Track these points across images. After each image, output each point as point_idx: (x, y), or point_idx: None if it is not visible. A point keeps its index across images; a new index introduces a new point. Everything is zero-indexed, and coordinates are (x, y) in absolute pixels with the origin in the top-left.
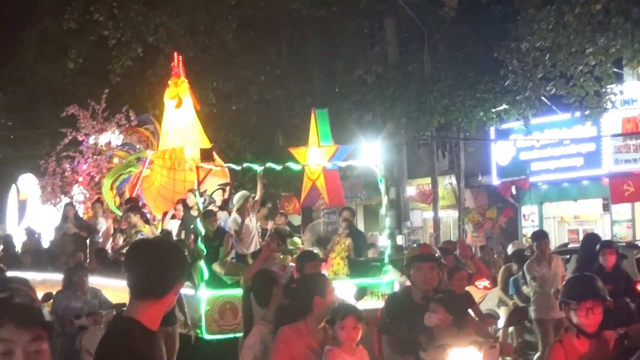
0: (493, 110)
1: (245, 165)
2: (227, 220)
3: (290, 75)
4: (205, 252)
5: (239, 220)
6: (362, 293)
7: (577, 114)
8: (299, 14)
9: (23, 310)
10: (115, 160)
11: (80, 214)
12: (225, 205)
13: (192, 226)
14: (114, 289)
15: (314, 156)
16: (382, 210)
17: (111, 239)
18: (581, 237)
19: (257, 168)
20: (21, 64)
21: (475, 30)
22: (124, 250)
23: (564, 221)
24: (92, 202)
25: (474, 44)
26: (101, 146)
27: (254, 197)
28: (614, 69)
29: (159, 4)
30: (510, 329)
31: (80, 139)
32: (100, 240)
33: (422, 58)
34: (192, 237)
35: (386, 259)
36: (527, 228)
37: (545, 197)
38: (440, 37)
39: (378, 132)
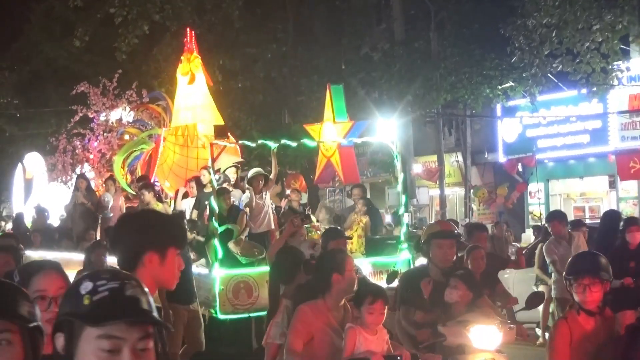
0: (499, 87)
1: (260, 142)
2: (242, 198)
3: (296, 53)
4: (219, 230)
5: (248, 198)
6: (393, 277)
7: (584, 90)
8: None
9: (135, 306)
10: (126, 137)
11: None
12: (238, 183)
13: (206, 204)
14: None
15: (329, 132)
16: (399, 188)
17: None
18: (587, 214)
19: (272, 145)
20: (27, 42)
21: (482, 7)
22: None
23: (570, 198)
24: (104, 179)
25: (480, 21)
26: (112, 123)
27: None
28: (621, 46)
29: None
30: (552, 308)
31: (91, 116)
32: (111, 215)
33: (428, 35)
34: (206, 215)
35: (402, 237)
36: (533, 205)
37: (551, 174)
38: (446, 14)
39: (393, 109)
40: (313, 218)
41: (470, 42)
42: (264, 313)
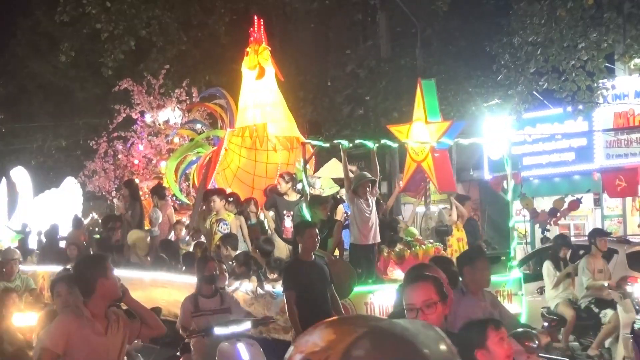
0: (485, 104)
1: (357, 141)
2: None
3: (283, 68)
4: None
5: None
6: None
7: (569, 108)
8: (291, 7)
9: None
10: (176, 140)
11: None
12: (338, 199)
13: (284, 213)
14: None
15: (420, 134)
16: (509, 196)
17: (173, 231)
18: (572, 231)
19: (371, 145)
20: (12, 57)
21: (468, 25)
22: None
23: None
24: (150, 189)
25: (466, 38)
26: (159, 125)
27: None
28: (606, 64)
29: None
30: None
31: (135, 117)
32: (157, 234)
33: (414, 52)
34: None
35: (512, 253)
36: (518, 222)
37: (536, 191)
38: (432, 31)
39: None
40: (415, 230)
41: (456, 60)
42: None
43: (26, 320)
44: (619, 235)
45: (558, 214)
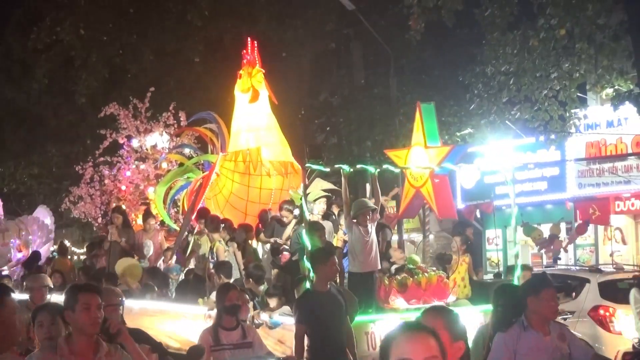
0: (458, 133)
1: (359, 166)
2: (332, 233)
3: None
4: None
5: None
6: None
7: (542, 138)
8: (265, 36)
9: None
10: (164, 165)
11: None
12: (329, 216)
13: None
14: (186, 315)
15: (419, 159)
16: (512, 222)
17: (162, 258)
18: (545, 261)
19: (372, 169)
20: None
21: (441, 54)
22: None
23: (528, 245)
24: (142, 215)
25: (439, 67)
26: (146, 149)
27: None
28: (578, 94)
29: (125, 25)
30: None
31: (121, 141)
32: (147, 265)
33: (387, 81)
34: (284, 253)
35: (516, 281)
36: (491, 252)
37: (508, 221)
38: (406, 60)
39: (507, 130)
40: (417, 258)
41: (429, 89)
42: None
43: None
44: (591, 264)
45: (566, 239)
